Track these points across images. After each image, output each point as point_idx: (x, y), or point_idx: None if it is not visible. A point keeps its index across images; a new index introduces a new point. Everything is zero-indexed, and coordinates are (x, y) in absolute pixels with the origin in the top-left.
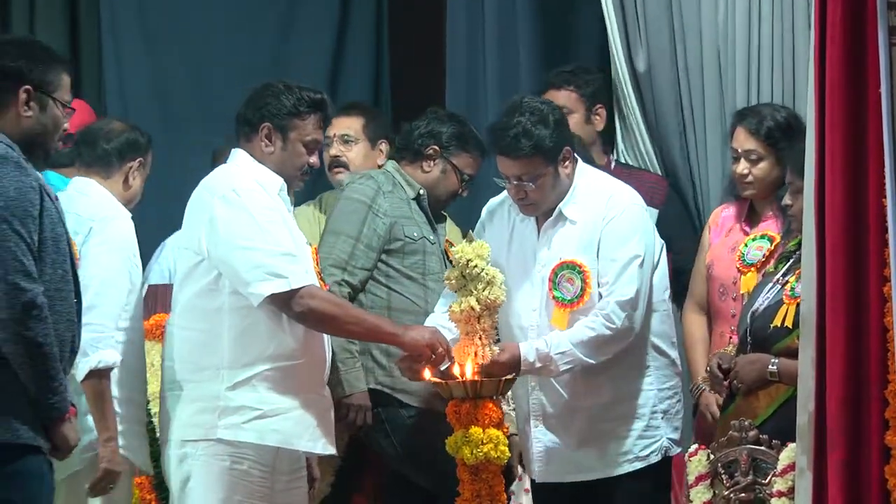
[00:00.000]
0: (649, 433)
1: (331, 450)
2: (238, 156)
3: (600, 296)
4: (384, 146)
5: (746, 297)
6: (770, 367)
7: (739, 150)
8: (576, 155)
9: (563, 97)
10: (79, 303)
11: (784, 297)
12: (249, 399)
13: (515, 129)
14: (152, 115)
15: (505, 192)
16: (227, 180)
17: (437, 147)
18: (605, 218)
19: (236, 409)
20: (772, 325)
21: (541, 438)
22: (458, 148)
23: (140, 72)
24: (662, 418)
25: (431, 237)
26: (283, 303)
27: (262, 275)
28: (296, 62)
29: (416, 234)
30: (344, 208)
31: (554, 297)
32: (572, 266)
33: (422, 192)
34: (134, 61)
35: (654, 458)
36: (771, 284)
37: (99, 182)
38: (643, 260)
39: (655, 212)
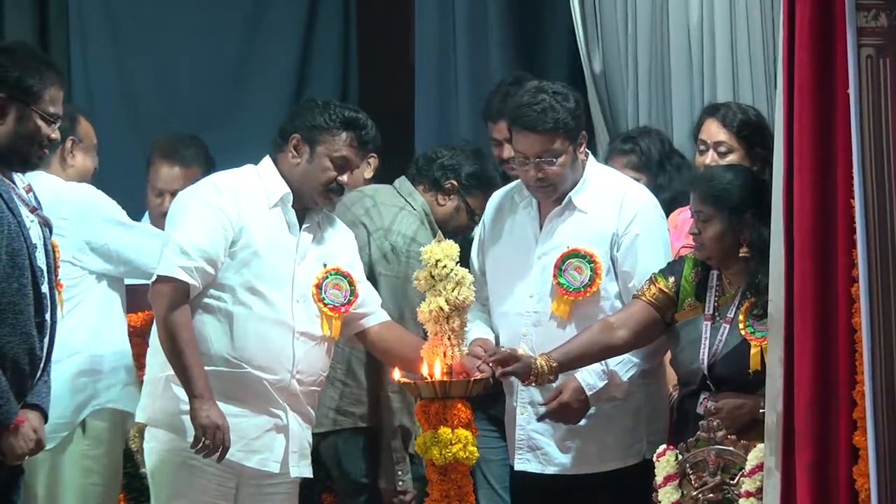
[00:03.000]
0: (631, 434)
1: (271, 467)
2: (263, 162)
3: (620, 299)
4: (373, 160)
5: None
6: (762, 410)
7: (709, 142)
8: (587, 149)
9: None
10: (45, 314)
11: (746, 337)
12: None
13: (542, 104)
14: (119, 115)
15: (512, 183)
16: (215, 175)
17: (455, 182)
18: (623, 216)
19: (172, 398)
20: (751, 371)
21: (524, 426)
22: (475, 188)
23: (108, 73)
24: (645, 421)
25: None
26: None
27: (160, 258)
28: (263, 64)
29: None
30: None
31: (559, 284)
32: (582, 255)
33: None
34: (102, 63)
35: (633, 461)
36: (710, 325)
37: (45, 172)
38: (665, 257)
39: None
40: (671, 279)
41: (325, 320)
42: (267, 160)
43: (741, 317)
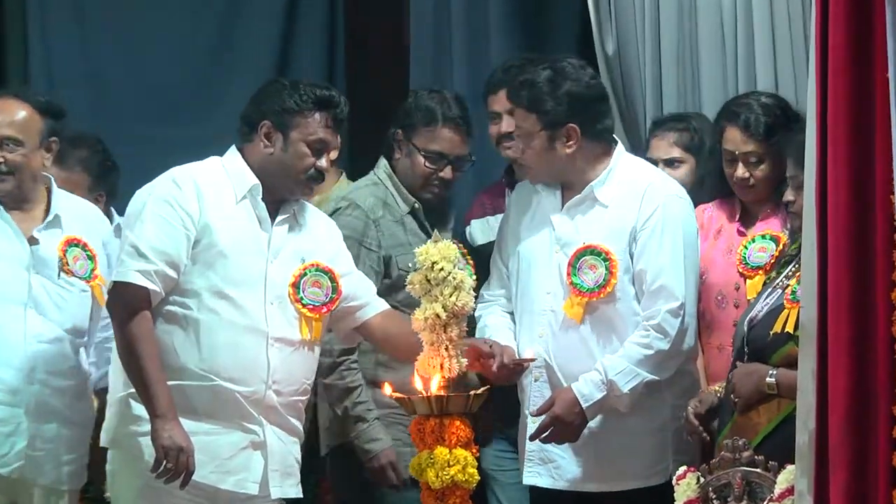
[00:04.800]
0: (655, 451)
1: (249, 489)
2: (228, 153)
3: (637, 300)
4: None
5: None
6: (768, 378)
7: (736, 153)
8: (616, 137)
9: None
10: None
11: (785, 301)
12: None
13: (525, 76)
14: (83, 102)
15: None
16: (173, 168)
17: (399, 130)
18: (643, 210)
19: (135, 418)
20: (771, 333)
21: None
22: (415, 126)
23: (70, 55)
24: (672, 437)
25: None
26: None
27: (117, 262)
28: (243, 43)
29: (410, 265)
30: None
31: (572, 284)
32: (597, 252)
33: (416, 205)
34: (64, 43)
35: (657, 480)
36: (771, 289)
37: None
38: (687, 258)
39: None
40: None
41: (304, 322)
42: (233, 151)
43: (793, 282)
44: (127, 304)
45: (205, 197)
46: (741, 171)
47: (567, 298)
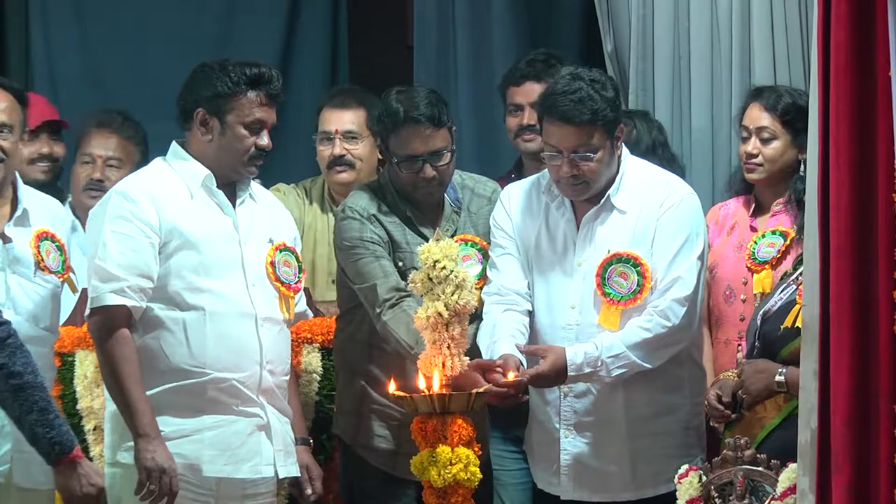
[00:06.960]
0: (683, 451)
1: (265, 472)
2: (171, 150)
3: (651, 290)
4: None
5: (759, 298)
6: (777, 377)
7: (751, 128)
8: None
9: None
10: None
11: (798, 296)
12: None
13: (578, 93)
14: (85, 101)
15: (530, 179)
16: (120, 183)
17: (379, 138)
18: (663, 206)
19: (123, 434)
20: (782, 327)
21: (570, 450)
22: (386, 133)
23: (72, 53)
24: (695, 435)
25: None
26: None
27: (90, 289)
28: (244, 41)
29: (400, 264)
30: (345, 261)
31: (604, 294)
32: (626, 259)
33: (409, 213)
34: (65, 41)
35: None
36: (786, 284)
37: None
38: (701, 253)
39: None
40: None
41: (282, 301)
42: (175, 147)
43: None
44: (105, 325)
45: (160, 202)
46: (751, 145)
47: (601, 310)
